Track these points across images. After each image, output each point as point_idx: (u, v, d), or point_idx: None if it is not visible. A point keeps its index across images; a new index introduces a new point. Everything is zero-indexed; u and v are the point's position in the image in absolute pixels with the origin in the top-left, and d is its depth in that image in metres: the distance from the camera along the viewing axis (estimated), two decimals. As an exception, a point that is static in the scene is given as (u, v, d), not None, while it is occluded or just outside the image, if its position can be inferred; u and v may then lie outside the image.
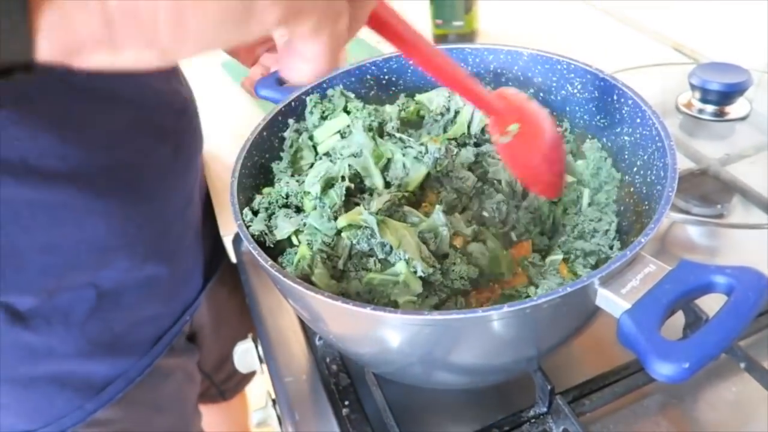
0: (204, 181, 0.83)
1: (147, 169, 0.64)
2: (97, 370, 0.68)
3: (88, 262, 0.61)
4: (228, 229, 0.83)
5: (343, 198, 0.51)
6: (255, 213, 0.53)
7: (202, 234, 0.79)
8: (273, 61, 0.71)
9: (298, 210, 0.55)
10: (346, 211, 0.50)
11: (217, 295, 0.88)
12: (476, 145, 0.62)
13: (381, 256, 0.47)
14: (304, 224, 0.52)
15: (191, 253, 0.76)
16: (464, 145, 0.61)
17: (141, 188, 0.63)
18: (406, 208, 0.50)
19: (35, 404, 0.66)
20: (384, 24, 0.39)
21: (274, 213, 0.54)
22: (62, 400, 0.67)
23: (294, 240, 0.52)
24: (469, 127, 0.63)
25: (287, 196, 0.54)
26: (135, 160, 0.62)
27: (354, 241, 0.48)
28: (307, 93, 0.63)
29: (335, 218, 0.50)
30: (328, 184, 0.52)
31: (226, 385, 1.02)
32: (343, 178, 0.53)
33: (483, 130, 0.62)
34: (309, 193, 0.52)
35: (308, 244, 0.50)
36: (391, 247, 0.46)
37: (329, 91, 0.63)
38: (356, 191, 0.54)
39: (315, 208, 0.52)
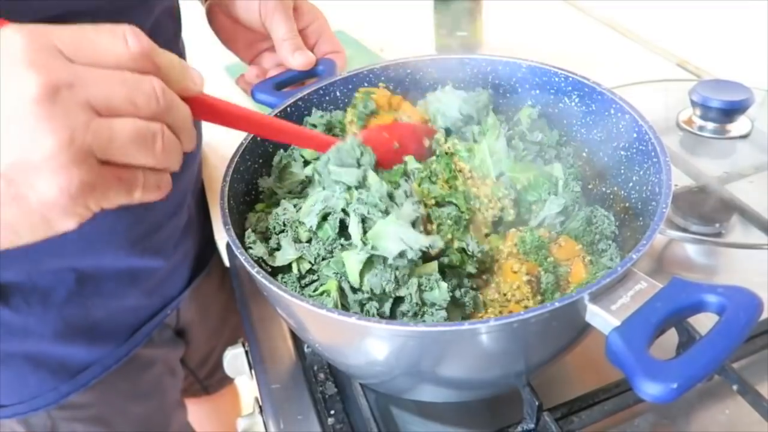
0: (200, 178, 0.83)
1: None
2: (74, 354, 0.68)
3: (71, 249, 0.62)
4: (224, 233, 0.83)
5: (338, 230, 0.51)
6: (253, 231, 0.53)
7: (193, 232, 0.79)
8: (271, 62, 0.70)
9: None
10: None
11: (205, 291, 0.88)
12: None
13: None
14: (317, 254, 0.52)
15: (179, 250, 0.76)
16: None
17: None
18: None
19: (9, 381, 0.66)
20: (209, 110, 0.44)
21: (270, 238, 0.54)
22: (36, 380, 0.67)
23: (294, 267, 0.51)
24: None
25: (284, 225, 0.53)
26: None
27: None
28: (303, 98, 0.63)
29: (331, 253, 0.50)
30: (324, 217, 0.51)
31: (209, 380, 1.02)
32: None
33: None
34: (303, 223, 0.52)
35: (336, 275, 0.49)
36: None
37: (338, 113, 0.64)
38: None
39: (309, 240, 0.52)
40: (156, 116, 0.36)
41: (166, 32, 0.66)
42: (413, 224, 0.49)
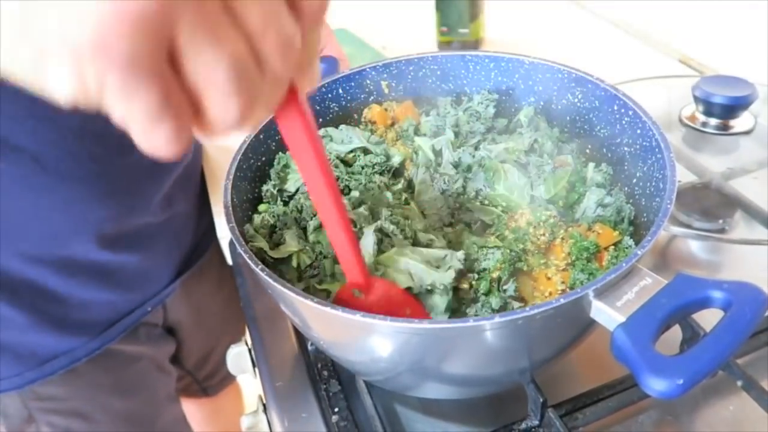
0: (194, 178, 0.82)
1: (122, 167, 0.64)
2: (43, 342, 0.68)
3: (40, 238, 0.62)
4: (226, 231, 0.83)
5: None
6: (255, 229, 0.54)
7: (179, 228, 0.78)
8: None
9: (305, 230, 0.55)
10: None
11: (198, 292, 0.88)
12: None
13: None
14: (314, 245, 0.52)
15: (159, 246, 0.75)
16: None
17: (110, 183, 0.63)
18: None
19: None
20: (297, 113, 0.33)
21: (276, 230, 0.54)
22: (2, 363, 0.67)
23: (294, 260, 0.52)
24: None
25: (295, 221, 0.54)
26: (110, 155, 0.62)
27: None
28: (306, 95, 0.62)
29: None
30: None
31: (208, 382, 1.02)
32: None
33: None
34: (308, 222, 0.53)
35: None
36: None
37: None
38: None
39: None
40: (263, 63, 0.27)
41: None
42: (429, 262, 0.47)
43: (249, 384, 1.09)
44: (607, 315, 0.39)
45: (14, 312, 0.64)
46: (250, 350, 0.71)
